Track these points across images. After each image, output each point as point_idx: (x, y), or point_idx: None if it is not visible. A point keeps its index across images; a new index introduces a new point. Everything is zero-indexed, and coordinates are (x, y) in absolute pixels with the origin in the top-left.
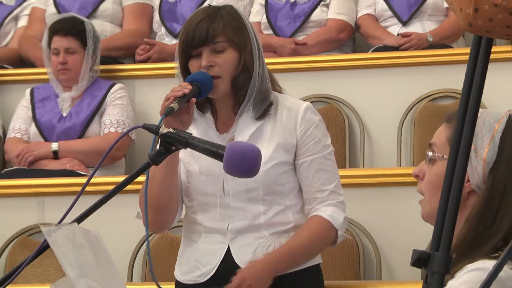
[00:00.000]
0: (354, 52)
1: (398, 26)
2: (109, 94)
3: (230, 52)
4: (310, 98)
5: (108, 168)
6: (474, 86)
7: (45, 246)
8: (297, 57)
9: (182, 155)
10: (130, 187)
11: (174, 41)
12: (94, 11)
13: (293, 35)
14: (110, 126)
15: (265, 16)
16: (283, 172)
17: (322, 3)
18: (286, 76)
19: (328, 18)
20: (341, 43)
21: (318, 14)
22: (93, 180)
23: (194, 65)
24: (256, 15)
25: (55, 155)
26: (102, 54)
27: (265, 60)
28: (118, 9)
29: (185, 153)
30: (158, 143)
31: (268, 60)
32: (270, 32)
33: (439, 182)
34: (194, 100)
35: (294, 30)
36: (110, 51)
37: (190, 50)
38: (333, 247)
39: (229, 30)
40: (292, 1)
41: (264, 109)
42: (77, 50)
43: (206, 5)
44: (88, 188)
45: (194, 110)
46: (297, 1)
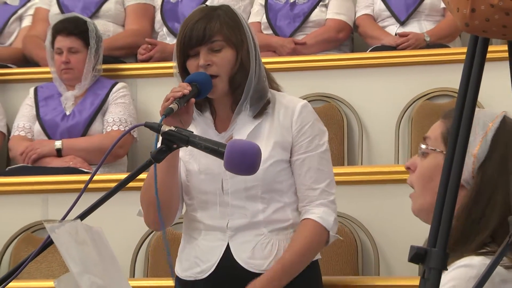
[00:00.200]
0: (352, 51)
1: (396, 26)
2: (111, 93)
3: (227, 51)
4: (309, 97)
5: (110, 165)
6: (470, 85)
7: (48, 242)
8: (296, 56)
9: (182, 154)
10: (132, 185)
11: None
12: (96, 11)
13: (292, 35)
14: (113, 124)
15: (265, 16)
16: (281, 170)
17: (321, 3)
18: (286, 75)
19: (327, 18)
20: (339, 43)
21: (317, 14)
22: (95, 177)
23: (192, 64)
24: (256, 15)
25: (59, 153)
26: (105, 53)
27: (265, 59)
28: (120, 9)
29: (184, 152)
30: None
31: (268, 59)
32: (270, 32)
33: (430, 174)
34: (193, 100)
35: (294, 30)
36: (112, 51)
37: (187, 49)
38: (330, 244)
39: (226, 29)
40: (291, 1)
41: (261, 107)
42: (80, 49)
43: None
44: (91, 185)
45: (193, 110)
46: (296, 1)
